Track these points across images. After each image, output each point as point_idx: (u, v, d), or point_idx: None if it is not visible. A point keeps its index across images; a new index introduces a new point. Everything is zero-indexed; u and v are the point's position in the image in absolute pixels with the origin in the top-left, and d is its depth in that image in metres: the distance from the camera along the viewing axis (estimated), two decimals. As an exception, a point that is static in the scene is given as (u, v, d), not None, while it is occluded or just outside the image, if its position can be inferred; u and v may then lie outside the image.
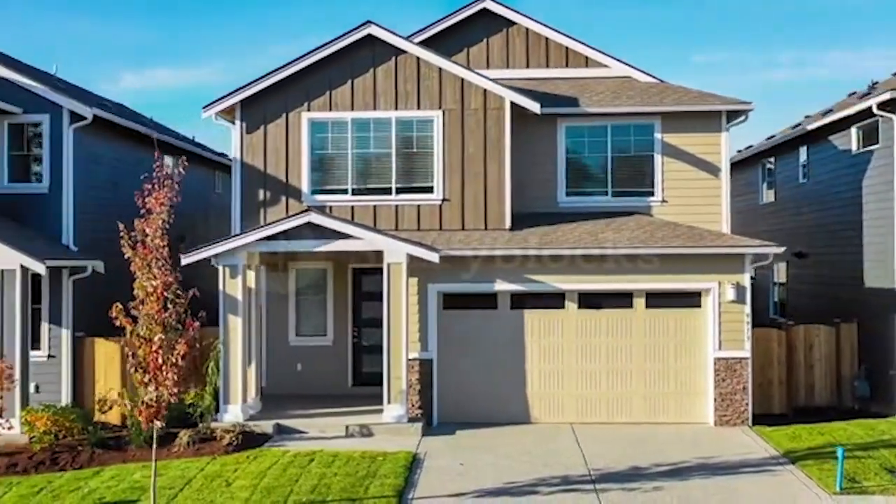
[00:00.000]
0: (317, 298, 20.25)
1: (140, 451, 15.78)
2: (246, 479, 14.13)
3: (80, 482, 14.23)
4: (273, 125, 18.83)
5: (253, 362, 18.05)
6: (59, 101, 18.43)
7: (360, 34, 18.54)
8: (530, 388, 17.95)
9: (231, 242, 17.34)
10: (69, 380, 18.11)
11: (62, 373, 18.11)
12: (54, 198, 18.48)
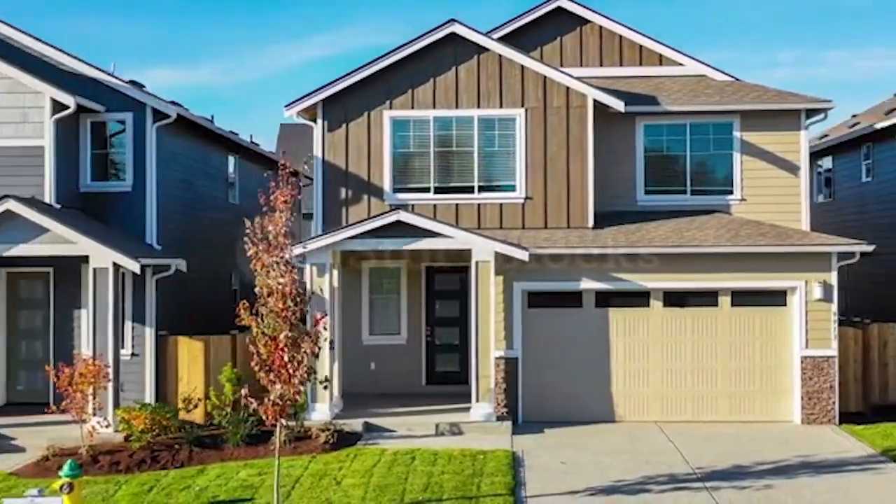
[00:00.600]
0: (390, 298, 20.25)
1: (237, 450, 15.78)
2: (354, 478, 14.13)
3: (187, 481, 14.23)
4: (355, 123, 18.83)
5: (337, 361, 18.05)
6: (143, 99, 18.41)
7: (443, 32, 18.53)
8: (615, 387, 17.94)
9: (320, 241, 17.36)
10: (152, 378, 18.09)
11: (146, 371, 18.09)
12: (137, 196, 18.48)
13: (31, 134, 17.41)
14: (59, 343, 18.44)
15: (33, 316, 18.71)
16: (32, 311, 18.72)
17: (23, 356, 18.80)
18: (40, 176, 17.37)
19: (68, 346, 18.40)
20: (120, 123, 18.60)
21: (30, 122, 17.41)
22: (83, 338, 18.38)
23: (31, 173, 17.35)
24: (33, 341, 18.75)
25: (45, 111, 17.34)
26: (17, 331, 18.75)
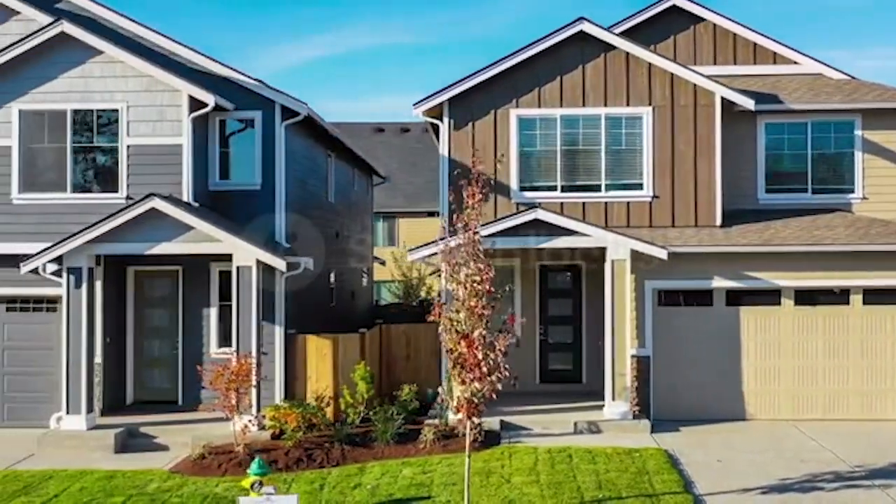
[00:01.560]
0: (504, 297, 20.17)
1: (387, 448, 15.78)
2: (521, 476, 14.14)
3: (352, 479, 14.22)
4: (481, 122, 18.83)
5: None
6: (272, 97, 18.40)
7: (571, 31, 18.53)
8: (745, 385, 17.94)
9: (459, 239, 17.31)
10: (281, 376, 18.07)
11: (275, 369, 18.06)
12: (266, 194, 18.46)
13: (169, 132, 17.40)
14: (187, 342, 18.44)
15: (161, 315, 18.69)
16: (160, 309, 18.71)
17: (150, 355, 18.78)
18: (178, 174, 17.35)
19: (197, 344, 18.41)
20: (238, 122, 18.61)
21: (167, 121, 17.40)
22: (212, 336, 18.41)
23: (168, 171, 17.34)
24: (161, 340, 18.74)
25: (183, 109, 17.33)
26: (144, 329, 18.74)
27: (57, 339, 18.04)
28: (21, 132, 17.49)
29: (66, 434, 16.49)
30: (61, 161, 17.52)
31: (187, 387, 18.43)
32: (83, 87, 17.45)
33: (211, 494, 13.59)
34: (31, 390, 18.17)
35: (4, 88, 17.46)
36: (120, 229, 16.45)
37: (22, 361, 18.19)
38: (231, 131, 18.93)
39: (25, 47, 17.27)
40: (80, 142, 17.50)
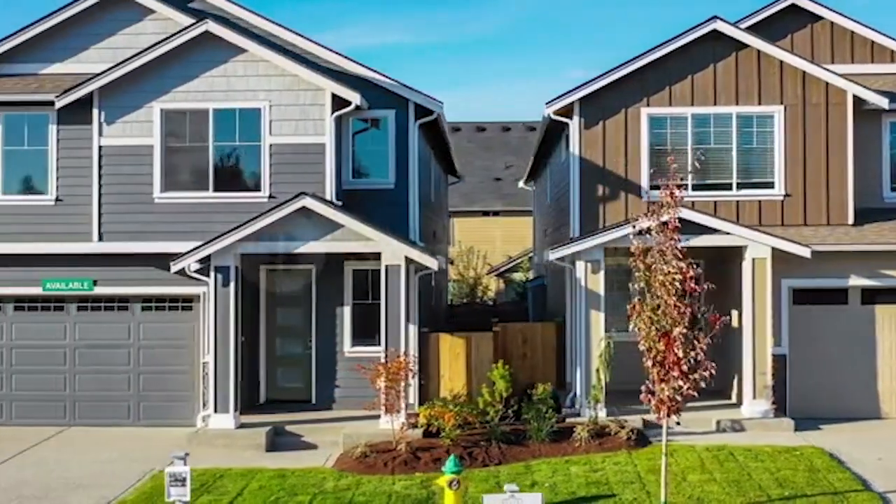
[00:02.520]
0: (619, 294, 20.20)
1: (542, 446, 15.77)
2: (694, 474, 14.15)
3: (522, 477, 14.20)
4: (611, 121, 18.83)
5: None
6: (407, 95, 18.41)
7: (704, 30, 18.52)
8: (881, 384, 17.94)
9: (596, 238, 17.39)
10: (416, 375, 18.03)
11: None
12: (399, 193, 18.48)
13: (312, 132, 17.39)
14: (320, 341, 18.44)
15: (293, 314, 18.69)
16: (292, 308, 18.70)
17: (283, 354, 18.79)
18: (320, 174, 17.35)
19: (330, 343, 18.40)
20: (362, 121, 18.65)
21: (309, 120, 17.39)
22: (345, 335, 18.40)
23: (310, 171, 17.34)
24: (293, 339, 18.74)
25: (326, 108, 17.33)
26: (276, 329, 18.74)
27: (191, 337, 18.16)
28: (162, 131, 17.48)
29: (215, 433, 16.50)
30: (203, 160, 17.53)
31: (321, 386, 18.43)
32: (225, 87, 17.45)
33: (392, 493, 13.59)
34: (166, 389, 18.20)
35: (146, 87, 17.46)
36: (270, 228, 16.47)
37: (156, 360, 18.21)
38: (355, 130, 18.94)
39: (169, 46, 17.28)
40: (222, 141, 17.49)
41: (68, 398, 18.31)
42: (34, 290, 18.17)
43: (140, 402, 18.25)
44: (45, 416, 18.23)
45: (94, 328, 18.29)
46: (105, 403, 18.24)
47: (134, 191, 17.54)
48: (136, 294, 18.18)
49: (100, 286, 18.03)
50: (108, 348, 18.27)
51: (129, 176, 17.54)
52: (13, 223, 17.91)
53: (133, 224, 17.54)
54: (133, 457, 16.01)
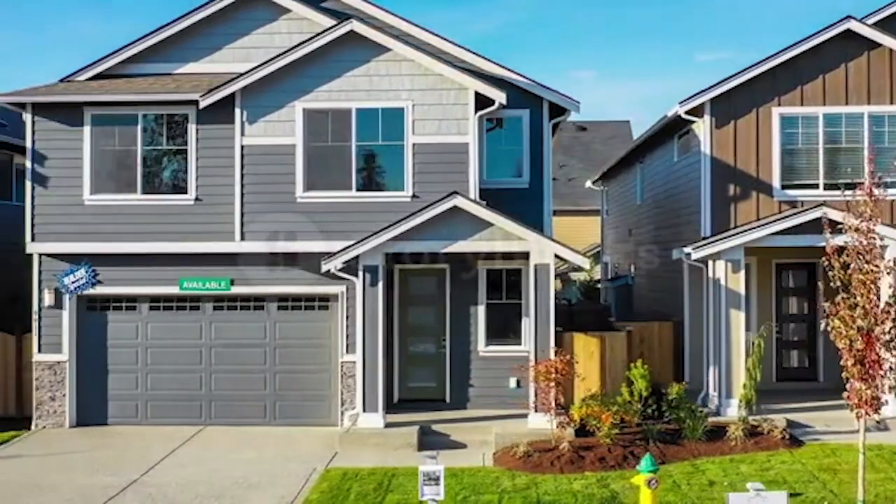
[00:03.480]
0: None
1: (699, 445, 15.80)
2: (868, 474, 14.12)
3: (696, 476, 14.26)
4: (742, 121, 18.82)
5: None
6: (541, 94, 18.41)
7: (837, 30, 18.50)
8: None
9: (738, 238, 17.42)
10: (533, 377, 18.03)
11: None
12: (534, 193, 18.49)
13: (455, 131, 17.39)
14: (454, 340, 18.42)
15: (426, 313, 18.68)
16: (426, 308, 18.69)
17: (416, 353, 18.77)
18: (463, 173, 17.35)
19: (464, 343, 18.39)
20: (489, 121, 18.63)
21: (451, 119, 17.38)
22: (479, 335, 18.38)
23: (452, 170, 17.34)
24: (426, 339, 18.72)
25: (470, 107, 17.32)
26: (409, 328, 18.71)
27: (328, 337, 18.18)
28: (305, 131, 17.48)
29: (366, 432, 16.51)
30: (345, 159, 17.52)
31: (455, 385, 18.42)
32: (367, 86, 17.45)
33: (574, 492, 13.60)
34: (302, 388, 18.22)
35: (288, 87, 17.46)
36: (420, 227, 16.49)
37: (292, 360, 18.23)
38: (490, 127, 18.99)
39: (313, 46, 17.28)
40: (364, 140, 17.49)
41: (204, 398, 18.33)
42: (170, 290, 18.18)
43: (276, 402, 18.25)
44: (180, 416, 18.25)
45: (230, 327, 18.31)
46: (240, 403, 18.26)
47: (276, 190, 17.55)
48: (272, 293, 18.19)
49: (236, 286, 18.05)
50: (244, 347, 18.29)
51: (270, 175, 17.54)
52: (152, 223, 17.92)
53: (275, 224, 17.54)
54: (287, 455, 16.04)
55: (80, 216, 18.00)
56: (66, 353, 18.23)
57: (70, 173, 18.00)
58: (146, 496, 13.83)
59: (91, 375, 18.37)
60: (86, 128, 17.95)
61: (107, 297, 18.41)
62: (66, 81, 18.58)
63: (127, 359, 18.40)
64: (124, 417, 18.35)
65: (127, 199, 17.96)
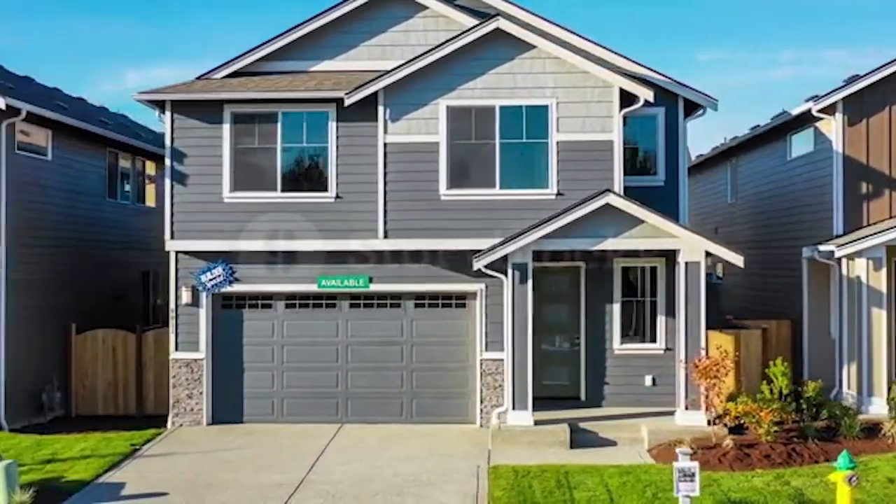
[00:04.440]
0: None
1: (855, 443, 15.80)
2: None
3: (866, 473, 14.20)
4: (875, 118, 18.82)
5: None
6: (678, 91, 18.41)
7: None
8: None
9: (881, 236, 17.41)
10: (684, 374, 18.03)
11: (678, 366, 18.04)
12: (669, 191, 18.48)
13: (599, 129, 17.36)
14: (589, 339, 18.42)
15: (560, 311, 18.68)
16: (559, 306, 18.69)
17: (549, 351, 18.76)
18: (607, 171, 17.31)
19: (599, 341, 18.38)
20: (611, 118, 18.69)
21: (594, 117, 17.36)
22: (614, 332, 18.36)
23: (596, 168, 17.31)
24: (560, 336, 18.73)
25: (614, 105, 17.30)
26: (544, 326, 18.69)
27: (466, 334, 18.18)
28: (448, 129, 17.47)
29: (518, 430, 16.49)
30: (488, 157, 17.50)
31: (589, 383, 18.42)
32: (511, 84, 17.43)
33: (755, 488, 13.59)
34: (439, 386, 18.23)
35: (431, 85, 17.44)
36: (571, 225, 16.47)
37: (429, 357, 18.24)
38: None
39: (458, 44, 17.26)
40: (508, 138, 17.47)
41: (340, 395, 18.34)
42: (307, 288, 18.19)
43: (412, 400, 18.26)
44: (315, 414, 18.27)
45: (366, 325, 18.32)
46: (376, 400, 18.26)
47: (418, 188, 17.53)
48: (409, 291, 18.20)
49: (374, 283, 18.05)
50: (380, 345, 18.30)
51: (413, 173, 17.52)
52: (291, 220, 17.91)
53: (418, 221, 17.53)
54: (441, 453, 16.05)
55: (218, 214, 18.00)
56: (203, 351, 18.23)
57: (209, 171, 18.00)
58: (325, 493, 13.82)
59: (227, 373, 18.37)
60: (225, 125, 17.94)
61: (242, 295, 18.42)
62: (203, 79, 18.57)
63: (262, 357, 18.40)
64: (259, 415, 18.35)
65: (266, 196, 17.95)
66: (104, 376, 20.27)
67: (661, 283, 18.33)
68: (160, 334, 20.22)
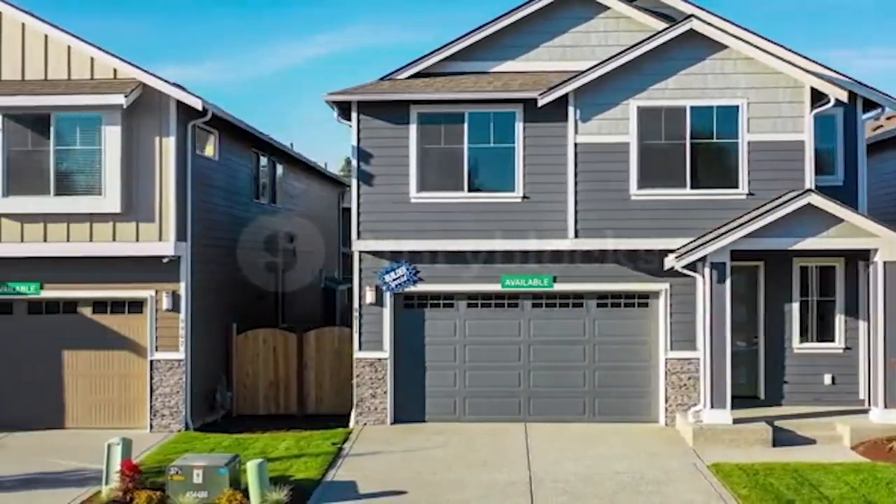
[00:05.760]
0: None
1: None
2: None
3: None
4: None
5: None
6: (857, 90, 18.43)
7: None
8: None
9: None
10: (864, 372, 18.12)
11: (859, 366, 18.17)
12: (849, 190, 18.50)
13: (791, 128, 17.42)
14: (768, 337, 18.48)
15: (737, 310, 18.63)
16: (737, 304, 18.61)
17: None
18: (798, 171, 17.35)
19: (778, 340, 18.44)
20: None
21: (786, 117, 17.40)
22: (794, 332, 18.42)
23: (787, 168, 17.38)
24: (737, 335, 18.69)
25: (805, 105, 17.33)
26: (720, 324, 18.75)
27: (648, 334, 18.27)
28: (639, 129, 17.56)
29: (719, 429, 16.55)
30: (678, 157, 17.56)
31: (769, 382, 18.48)
32: (701, 84, 17.50)
33: None
34: (621, 385, 18.32)
35: (622, 85, 17.51)
36: (771, 225, 16.54)
37: (612, 357, 18.33)
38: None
39: (650, 46, 17.30)
40: (698, 138, 17.55)
41: (522, 394, 18.43)
42: (489, 287, 18.29)
43: (595, 398, 18.35)
44: (497, 413, 18.37)
45: (549, 324, 18.42)
46: (559, 399, 18.35)
47: (608, 188, 17.61)
48: (591, 290, 18.29)
49: (558, 283, 18.15)
50: (562, 344, 18.39)
51: (603, 173, 17.60)
52: (477, 220, 18.02)
53: (607, 221, 17.60)
54: (646, 451, 16.15)
55: (404, 214, 18.12)
56: (386, 351, 18.33)
57: (395, 171, 18.10)
58: (563, 492, 13.88)
59: (408, 373, 18.48)
60: (412, 126, 18.05)
61: (424, 295, 18.52)
62: (387, 80, 18.66)
63: (444, 356, 18.51)
64: (440, 414, 18.45)
65: (453, 196, 18.06)
66: (265, 376, 20.40)
67: (840, 282, 18.39)
68: (321, 334, 20.40)
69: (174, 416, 18.08)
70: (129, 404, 18.34)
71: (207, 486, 13.27)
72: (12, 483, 14.65)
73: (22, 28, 17.97)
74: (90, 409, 18.35)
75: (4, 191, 17.60)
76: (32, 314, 18.39)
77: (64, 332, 18.29)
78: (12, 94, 17.31)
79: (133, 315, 18.30)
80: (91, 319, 18.31)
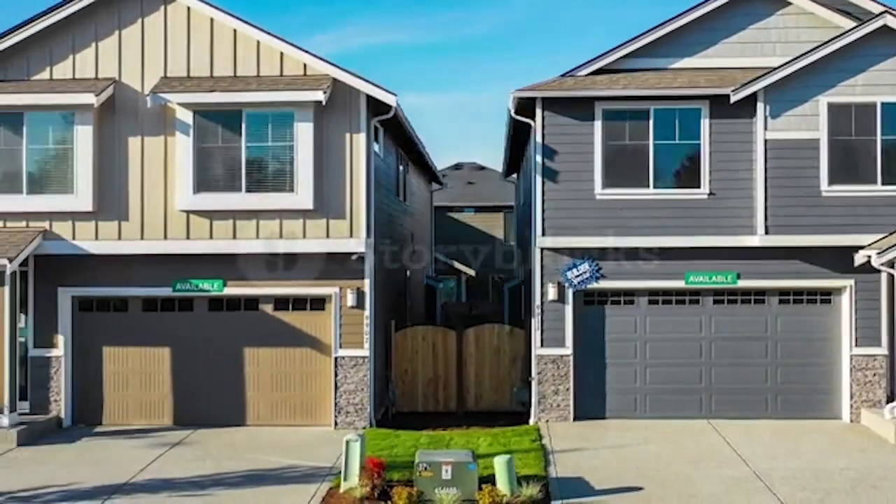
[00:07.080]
0: None
1: None
2: None
3: None
4: None
5: None
6: None
7: None
8: None
9: None
10: None
11: None
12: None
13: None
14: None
15: None
16: None
17: None
18: None
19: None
20: None
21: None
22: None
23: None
24: None
25: None
26: None
27: (833, 330, 18.26)
28: (829, 125, 17.54)
29: (921, 424, 16.58)
30: (868, 153, 17.55)
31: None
32: (892, 80, 17.49)
33: None
34: (804, 382, 18.30)
35: (811, 82, 17.50)
36: (973, 221, 16.58)
37: (794, 353, 18.31)
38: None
39: (843, 42, 17.30)
40: (889, 134, 17.52)
41: (704, 391, 18.41)
42: (671, 284, 18.28)
43: (777, 395, 18.34)
44: (678, 410, 18.35)
45: (730, 321, 18.39)
46: (741, 396, 18.33)
47: (798, 184, 17.61)
48: (773, 287, 18.28)
49: (742, 279, 18.14)
50: (745, 341, 18.38)
51: (793, 169, 17.59)
52: (661, 217, 18.01)
53: (797, 217, 17.59)
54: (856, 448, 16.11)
55: (588, 210, 18.11)
56: (569, 347, 18.33)
57: (579, 167, 18.10)
58: (795, 486, 13.83)
59: (589, 369, 18.47)
60: (596, 122, 18.05)
61: (605, 291, 18.51)
62: (568, 77, 18.65)
63: (625, 352, 18.50)
64: (621, 411, 18.44)
65: (638, 193, 18.06)
66: (424, 373, 20.39)
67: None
68: (480, 331, 20.40)
69: (358, 413, 18.07)
70: (310, 402, 18.34)
71: (456, 482, 13.22)
72: (237, 479, 14.64)
73: (210, 23, 17.94)
74: (271, 406, 18.34)
75: (195, 187, 17.60)
76: (213, 311, 18.41)
77: (245, 329, 18.29)
78: (207, 91, 17.29)
79: (315, 312, 18.30)
80: (273, 316, 18.30)
